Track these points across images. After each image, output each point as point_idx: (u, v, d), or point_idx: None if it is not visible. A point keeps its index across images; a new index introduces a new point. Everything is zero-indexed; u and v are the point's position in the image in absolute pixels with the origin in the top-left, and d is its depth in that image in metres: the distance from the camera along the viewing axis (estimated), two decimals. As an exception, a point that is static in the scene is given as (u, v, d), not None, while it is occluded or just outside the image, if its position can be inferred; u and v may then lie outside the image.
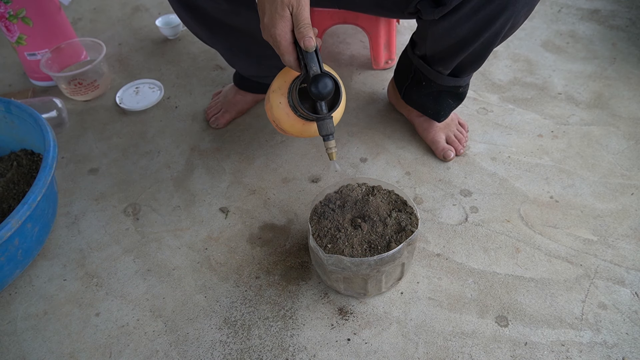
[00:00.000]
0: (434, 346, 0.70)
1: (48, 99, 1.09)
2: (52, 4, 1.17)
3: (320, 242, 0.70)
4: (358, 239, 0.69)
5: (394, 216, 0.71)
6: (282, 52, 0.63)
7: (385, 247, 0.68)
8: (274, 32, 0.61)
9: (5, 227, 0.67)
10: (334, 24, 1.17)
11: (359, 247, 0.68)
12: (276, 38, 0.62)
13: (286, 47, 0.62)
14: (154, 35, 1.42)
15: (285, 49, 0.62)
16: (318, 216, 0.73)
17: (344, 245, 0.68)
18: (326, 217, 0.72)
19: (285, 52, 0.63)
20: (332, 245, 0.69)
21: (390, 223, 0.71)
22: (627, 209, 0.87)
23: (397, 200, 0.74)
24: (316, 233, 0.71)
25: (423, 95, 0.96)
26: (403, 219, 0.71)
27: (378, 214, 0.72)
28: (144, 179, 0.99)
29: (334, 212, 0.73)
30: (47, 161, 0.76)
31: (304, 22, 0.61)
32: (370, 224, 0.71)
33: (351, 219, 0.72)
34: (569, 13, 1.40)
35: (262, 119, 1.10)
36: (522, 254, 0.81)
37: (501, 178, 0.94)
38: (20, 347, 0.73)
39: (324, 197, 0.75)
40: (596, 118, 1.05)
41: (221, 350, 0.71)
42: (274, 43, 0.63)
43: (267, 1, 0.61)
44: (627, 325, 0.71)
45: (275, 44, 0.63)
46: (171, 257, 0.84)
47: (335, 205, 0.74)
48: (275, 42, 0.63)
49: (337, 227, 0.71)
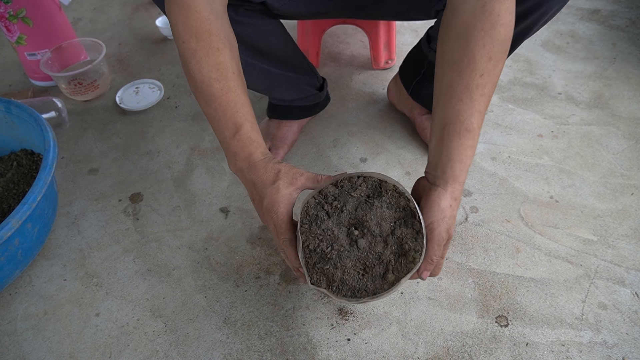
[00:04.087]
0: (434, 346, 0.70)
1: (48, 99, 1.09)
2: (52, 4, 1.17)
3: (309, 259, 0.58)
4: (353, 260, 0.58)
5: (397, 234, 0.58)
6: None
7: (380, 277, 0.58)
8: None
9: (5, 227, 0.67)
10: (334, 24, 1.17)
11: (354, 269, 0.58)
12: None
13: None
14: (154, 35, 1.42)
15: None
16: (310, 221, 0.60)
17: (336, 268, 0.58)
18: (319, 223, 0.59)
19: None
20: (322, 265, 0.58)
21: (391, 242, 0.58)
22: (627, 209, 0.87)
23: (405, 209, 0.60)
24: (306, 244, 0.59)
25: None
26: (407, 239, 0.58)
27: (380, 227, 0.59)
28: (144, 179, 0.99)
29: (329, 217, 0.60)
30: (47, 161, 0.76)
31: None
32: (368, 239, 0.59)
33: (347, 228, 0.60)
34: (569, 13, 1.40)
35: (261, 118, 1.10)
36: (522, 254, 0.81)
37: (501, 178, 0.94)
38: (20, 347, 0.73)
39: (318, 192, 0.62)
40: (596, 118, 1.05)
41: (221, 350, 0.71)
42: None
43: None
44: (627, 325, 0.71)
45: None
46: (171, 257, 0.84)
47: (332, 208, 0.61)
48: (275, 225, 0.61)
49: (330, 241, 0.58)
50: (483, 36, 0.57)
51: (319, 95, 1.00)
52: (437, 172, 0.60)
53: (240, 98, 0.61)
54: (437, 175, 0.60)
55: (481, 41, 0.57)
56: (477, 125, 0.59)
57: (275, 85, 0.93)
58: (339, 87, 1.18)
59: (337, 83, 1.19)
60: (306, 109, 1.01)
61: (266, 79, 0.89)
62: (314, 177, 0.62)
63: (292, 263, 0.61)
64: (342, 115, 1.10)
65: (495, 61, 0.58)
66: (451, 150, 0.59)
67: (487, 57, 0.57)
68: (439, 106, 0.62)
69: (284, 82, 0.92)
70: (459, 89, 0.59)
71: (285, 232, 0.59)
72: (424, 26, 1.36)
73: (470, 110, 0.58)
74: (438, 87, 0.63)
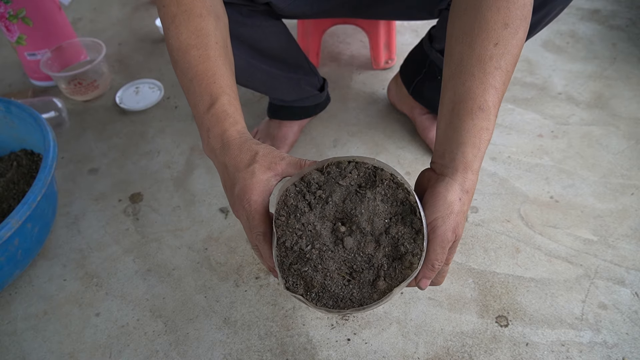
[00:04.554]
0: (434, 346, 0.70)
1: (48, 99, 1.09)
2: (52, 4, 1.17)
3: (285, 259, 0.48)
4: (337, 261, 0.48)
5: (392, 233, 0.47)
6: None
7: (369, 284, 0.47)
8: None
9: (5, 227, 0.67)
10: (334, 24, 1.17)
11: (338, 274, 0.48)
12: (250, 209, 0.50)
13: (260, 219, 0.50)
14: (154, 35, 1.42)
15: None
16: (288, 213, 0.49)
17: (316, 271, 0.47)
18: (299, 216, 0.48)
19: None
20: (299, 267, 0.47)
21: (384, 243, 0.47)
22: (627, 209, 0.87)
23: (404, 203, 0.48)
24: (282, 240, 0.48)
25: (435, 89, 0.95)
26: (404, 239, 0.47)
27: (372, 224, 0.48)
28: (144, 179, 0.99)
29: (311, 209, 0.49)
30: (47, 161, 0.76)
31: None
32: (357, 237, 0.48)
33: (333, 224, 0.49)
34: (569, 13, 1.40)
35: (261, 119, 1.10)
36: (522, 254, 0.81)
37: (501, 178, 0.94)
38: (20, 347, 0.73)
39: (300, 179, 0.50)
40: (596, 118, 1.05)
41: (221, 350, 0.71)
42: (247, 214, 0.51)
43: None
44: (627, 325, 0.71)
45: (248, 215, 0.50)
46: (171, 257, 0.84)
47: (315, 198, 0.49)
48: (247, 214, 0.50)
49: (311, 238, 0.48)
50: (497, 0, 0.49)
51: (319, 95, 1.00)
52: (445, 159, 0.50)
53: (220, 69, 0.54)
54: (445, 163, 0.50)
55: (494, 5, 0.49)
56: (492, 103, 0.49)
57: (276, 86, 0.92)
58: (339, 87, 1.18)
59: (337, 83, 1.19)
60: (307, 109, 1.01)
61: (267, 80, 0.89)
62: (297, 161, 0.51)
63: (267, 262, 0.51)
64: (342, 115, 1.10)
65: (513, 29, 0.49)
66: (462, 133, 0.49)
67: (502, 24, 0.49)
68: (448, 86, 0.53)
69: (285, 83, 0.92)
70: (469, 63, 0.50)
71: (259, 225, 0.50)
72: (424, 26, 1.36)
73: (484, 85, 0.49)
74: (447, 65, 0.53)
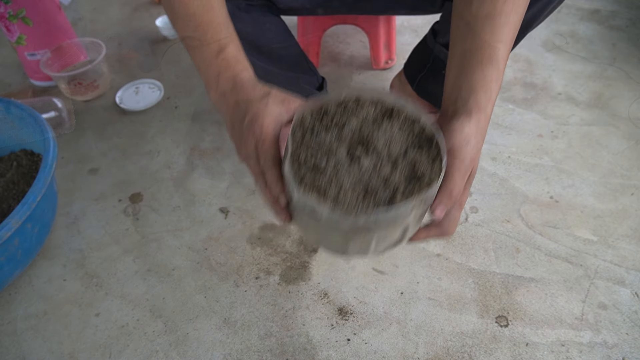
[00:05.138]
0: (434, 346, 0.70)
1: (48, 99, 1.09)
2: (52, 4, 1.17)
3: (297, 169, 0.46)
4: (352, 178, 0.46)
5: (410, 156, 0.47)
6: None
7: (386, 200, 0.45)
8: None
9: (5, 227, 0.67)
10: (334, 24, 1.17)
11: (351, 191, 0.45)
12: None
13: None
14: (154, 35, 1.42)
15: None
16: (304, 131, 0.49)
17: (330, 183, 0.45)
18: (314, 136, 0.49)
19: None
20: (313, 176, 0.46)
21: (401, 165, 0.47)
22: (627, 209, 0.87)
23: (421, 134, 0.49)
24: (296, 152, 0.47)
25: (439, 85, 0.94)
26: (421, 163, 0.47)
27: (389, 148, 0.48)
28: (144, 179, 0.99)
29: (328, 130, 0.49)
30: (47, 161, 0.76)
31: None
32: (373, 159, 0.47)
33: (349, 146, 0.48)
34: (569, 13, 1.40)
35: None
36: (522, 254, 0.81)
37: (501, 178, 0.94)
38: (20, 347, 0.73)
39: (318, 106, 0.51)
40: (596, 118, 1.05)
41: (221, 351, 0.71)
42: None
43: None
44: (627, 325, 0.71)
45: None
46: (171, 257, 0.84)
47: (332, 123, 0.50)
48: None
49: (327, 154, 0.47)
50: None
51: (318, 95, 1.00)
52: (457, 104, 0.50)
53: (225, 18, 0.54)
54: (458, 107, 0.49)
55: None
56: (501, 57, 0.49)
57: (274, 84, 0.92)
58: (339, 87, 1.18)
59: (337, 83, 1.19)
60: None
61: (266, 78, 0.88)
62: None
63: (272, 190, 0.49)
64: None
65: None
66: (473, 82, 0.49)
67: None
68: (456, 43, 0.53)
69: (283, 81, 0.92)
70: (479, 19, 0.50)
71: (268, 150, 0.48)
72: (424, 26, 1.37)
73: (493, 38, 0.49)
74: (456, 24, 0.53)
